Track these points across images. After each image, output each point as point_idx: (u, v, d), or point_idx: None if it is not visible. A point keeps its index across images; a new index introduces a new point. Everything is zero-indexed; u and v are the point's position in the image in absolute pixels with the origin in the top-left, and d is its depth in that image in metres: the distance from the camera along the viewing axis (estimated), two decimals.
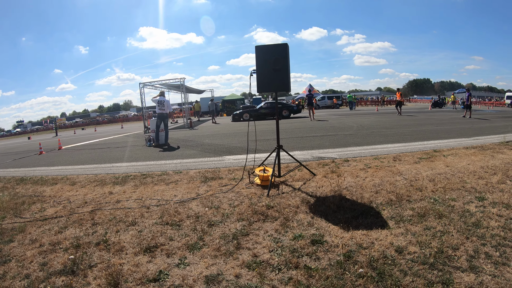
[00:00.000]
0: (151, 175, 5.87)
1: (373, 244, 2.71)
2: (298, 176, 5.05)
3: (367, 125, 13.11)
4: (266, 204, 3.84)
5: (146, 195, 4.65)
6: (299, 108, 23.07)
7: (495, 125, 11.95)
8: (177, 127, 20.97)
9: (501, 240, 2.64)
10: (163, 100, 10.42)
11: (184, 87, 21.37)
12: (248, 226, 3.27)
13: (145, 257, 2.78)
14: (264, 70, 4.58)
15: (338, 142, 8.71)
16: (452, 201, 3.59)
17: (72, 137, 22.83)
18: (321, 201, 3.82)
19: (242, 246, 2.86)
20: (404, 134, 9.82)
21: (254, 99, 37.70)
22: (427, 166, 5.21)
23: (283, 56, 4.52)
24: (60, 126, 50.27)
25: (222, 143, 9.96)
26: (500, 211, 3.24)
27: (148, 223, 3.56)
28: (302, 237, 2.92)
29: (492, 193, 3.78)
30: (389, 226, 3.04)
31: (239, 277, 2.38)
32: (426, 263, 2.35)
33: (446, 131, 10.30)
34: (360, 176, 4.85)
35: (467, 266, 2.30)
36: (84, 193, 5.05)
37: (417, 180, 4.46)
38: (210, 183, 5.01)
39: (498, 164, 5.13)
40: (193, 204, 4.07)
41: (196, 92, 32.54)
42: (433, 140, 8.09)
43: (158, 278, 2.43)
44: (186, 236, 3.15)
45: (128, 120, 54.09)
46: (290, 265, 2.47)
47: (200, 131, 16.04)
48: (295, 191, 4.32)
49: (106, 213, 3.98)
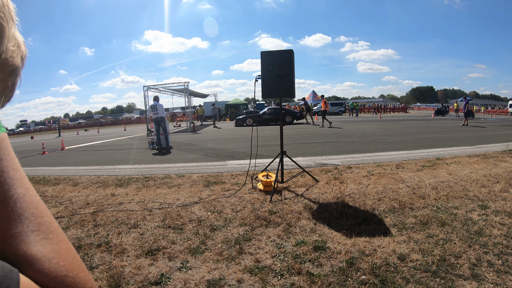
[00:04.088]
0: (154, 178, 5.89)
1: (375, 251, 2.70)
2: (301, 182, 5.06)
3: (370, 132, 13.10)
4: (268, 210, 3.84)
5: (148, 198, 4.67)
6: (302, 114, 23.10)
7: (498, 133, 11.91)
8: (180, 130, 21.02)
9: (504, 248, 2.63)
10: (156, 104, 10.45)
11: (188, 91, 21.44)
12: (251, 231, 3.28)
13: (147, 260, 2.78)
14: (269, 76, 4.61)
15: (341, 148, 8.71)
16: (454, 209, 3.58)
17: (75, 138, 22.93)
18: (323, 208, 3.82)
19: (244, 251, 2.86)
20: (407, 141, 9.81)
21: (258, 104, 37.78)
22: (430, 174, 5.20)
23: (288, 62, 4.55)
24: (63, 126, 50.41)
25: (225, 148, 9.99)
26: (502, 219, 3.23)
27: (150, 226, 3.57)
28: (305, 243, 2.92)
29: (495, 202, 3.77)
30: (391, 234, 3.03)
31: (241, 282, 2.38)
32: (429, 271, 2.34)
33: (449, 139, 10.28)
34: (363, 183, 4.84)
35: (469, 274, 2.29)
36: (86, 194, 5.07)
37: (420, 188, 4.45)
38: (213, 188, 5.02)
39: (501, 172, 5.11)
40: (195, 208, 4.08)
41: (199, 96, 32.67)
42: (436, 148, 8.08)
43: (159, 282, 2.43)
44: (188, 240, 3.15)
45: (131, 122, 54.28)
46: (293, 271, 2.47)
47: (203, 135, 16.08)
48: (298, 197, 4.32)
49: (108, 215, 4.00)
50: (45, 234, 0.37)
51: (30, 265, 0.35)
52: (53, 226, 0.39)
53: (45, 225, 0.38)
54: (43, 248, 0.36)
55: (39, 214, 0.38)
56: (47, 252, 0.36)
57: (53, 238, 0.38)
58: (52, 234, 0.38)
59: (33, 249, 0.35)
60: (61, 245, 0.39)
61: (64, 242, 0.40)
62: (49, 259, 0.36)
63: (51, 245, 0.37)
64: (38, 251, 0.36)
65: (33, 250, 0.35)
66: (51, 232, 0.38)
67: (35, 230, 0.36)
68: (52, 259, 0.36)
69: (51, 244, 0.37)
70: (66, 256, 0.38)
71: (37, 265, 0.35)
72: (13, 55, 0.41)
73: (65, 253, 0.38)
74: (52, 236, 0.38)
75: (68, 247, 0.40)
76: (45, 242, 0.37)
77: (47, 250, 0.36)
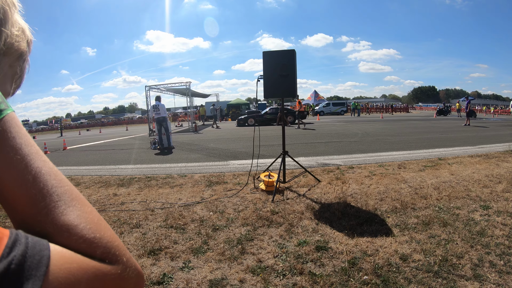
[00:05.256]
0: (156, 178, 5.91)
1: (377, 251, 2.71)
2: (303, 182, 5.06)
3: (372, 132, 13.09)
4: (271, 210, 3.85)
5: (150, 197, 4.68)
6: (304, 114, 23.08)
7: (500, 133, 11.88)
8: (182, 130, 21.05)
9: (506, 249, 2.63)
10: (158, 104, 10.48)
11: (190, 91, 21.46)
12: (253, 231, 3.29)
13: (149, 259, 2.79)
14: (271, 76, 4.62)
15: (343, 148, 8.71)
16: (456, 209, 3.58)
17: (77, 137, 22.97)
18: (326, 208, 3.83)
19: (246, 251, 2.87)
20: (409, 141, 9.80)
21: (259, 104, 37.80)
22: (432, 174, 5.20)
23: (291, 62, 4.56)
24: (65, 126, 50.65)
25: (227, 148, 10.00)
26: (504, 220, 3.23)
27: (152, 225, 3.58)
28: (307, 243, 2.93)
29: (497, 202, 3.76)
30: (393, 234, 3.04)
31: (243, 282, 2.39)
32: (431, 271, 2.35)
33: (451, 139, 10.26)
34: (365, 183, 4.85)
35: (471, 274, 2.29)
36: (89, 194, 5.08)
37: (422, 188, 4.45)
38: (215, 187, 5.03)
39: (503, 172, 5.10)
40: (197, 208, 4.09)
41: (201, 96, 32.69)
42: (438, 148, 8.07)
43: (162, 281, 2.44)
44: (190, 239, 3.16)
45: (133, 122, 54.37)
46: (295, 271, 2.48)
47: (205, 135, 16.09)
48: (300, 197, 4.33)
49: (110, 215, 4.01)
50: (68, 201, 0.39)
51: (61, 234, 0.37)
52: (74, 193, 0.41)
53: (66, 193, 0.40)
54: (69, 216, 0.38)
55: (59, 184, 0.40)
56: (73, 219, 0.38)
57: (76, 204, 0.40)
58: (75, 200, 0.40)
59: (61, 218, 0.37)
60: (85, 209, 0.41)
61: (87, 205, 0.42)
62: (77, 225, 0.38)
63: (75, 211, 0.39)
64: (66, 219, 0.38)
65: (61, 219, 0.37)
66: (73, 199, 0.40)
67: (58, 200, 0.38)
68: (79, 224, 0.38)
69: (76, 210, 0.39)
70: (92, 219, 0.40)
71: (67, 232, 0.37)
72: (18, 39, 0.42)
73: (90, 216, 0.40)
74: (75, 202, 0.40)
75: (91, 210, 0.42)
76: (70, 209, 0.39)
77: (73, 217, 0.38)
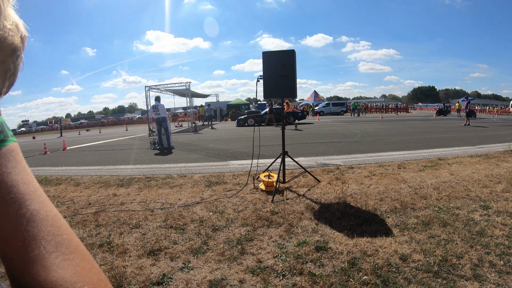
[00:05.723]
0: (156, 178, 5.90)
1: (377, 252, 2.70)
2: (303, 183, 5.06)
3: (371, 132, 13.09)
4: (270, 210, 3.84)
5: (150, 198, 4.68)
6: (303, 114, 23.07)
7: (499, 133, 11.88)
8: (182, 131, 21.05)
9: (505, 249, 2.63)
10: (157, 104, 10.48)
11: (190, 91, 21.45)
12: (253, 231, 3.28)
13: (149, 260, 2.79)
14: (271, 76, 4.62)
15: (343, 149, 8.71)
16: (456, 209, 3.57)
17: (77, 138, 22.97)
18: (325, 208, 3.83)
19: (246, 251, 2.87)
20: (408, 141, 9.80)
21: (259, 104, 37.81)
22: (432, 174, 5.19)
23: (290, 63, 4.56)
24: (65, 126, 50.59)
25: (226, 148, 9.99)
26: (504, 220, 3.22)
27: (152, 226, 3.58)
28: (307, 244, 2.93)
29: (497, 202, 3.76)
30: (393, 234, 3.03)
31: (243, 282, 2.39)
32: (430, 271, 2.35)
33: (450, 139, 10.26)
34: (365, 183, 4.84)
35: (471, 274, 2.29)
36: (88, 194, 5.08)
37: (422, 188, 4.45)
38: (215, 188, 5.03)
39: (503, 172, 5.10)
40: (197, 208, 4.09)
41: (201, 96, 32.67)
42: (437, 148, 8.06)
43: (161, 282, 2.43)
44: (190, 240, 3.16)
45: (132, 122, 54.36)
46: (294, 271, 2.48)
47: (204, 135, 16.09)
48: (299, 198, 4.32)
49: (110, 215, 4.01)
50: (65, 254, 0.34)
51: None
52: (73, 244, 0.36)
53: (64, 244, 0.35)
54: (64, 272, 0.33)
55: (56, 232, 0.35)
56: (69, 276, 0.33)
57: (74, 258, 0.35)
58: (73, 253, 0.35)
59: (53, 274, 0.32)
60: (83, 265, 0.35)
61: (87, 261, 0.36)
62: (72, 283, 0.33)
63: (72, 266, 0.34)
64: (59, 275, 0.32)
65: (53, 275, 0.32)
66: (71, 251, 0.35)
67: (54, 252, 0.33)
68: (75, 283, 0.33)
69: (73, 265, 0.34)
70: (91, 278, 0.35)
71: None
72: (11, 33, 0.40)
73: (89, 275, 0.35)
74: (73, 256, 0.35)
75: (91, 267, 0.37)
76: (66, 264, 0.34)
77: (68, 274, 0.33)
